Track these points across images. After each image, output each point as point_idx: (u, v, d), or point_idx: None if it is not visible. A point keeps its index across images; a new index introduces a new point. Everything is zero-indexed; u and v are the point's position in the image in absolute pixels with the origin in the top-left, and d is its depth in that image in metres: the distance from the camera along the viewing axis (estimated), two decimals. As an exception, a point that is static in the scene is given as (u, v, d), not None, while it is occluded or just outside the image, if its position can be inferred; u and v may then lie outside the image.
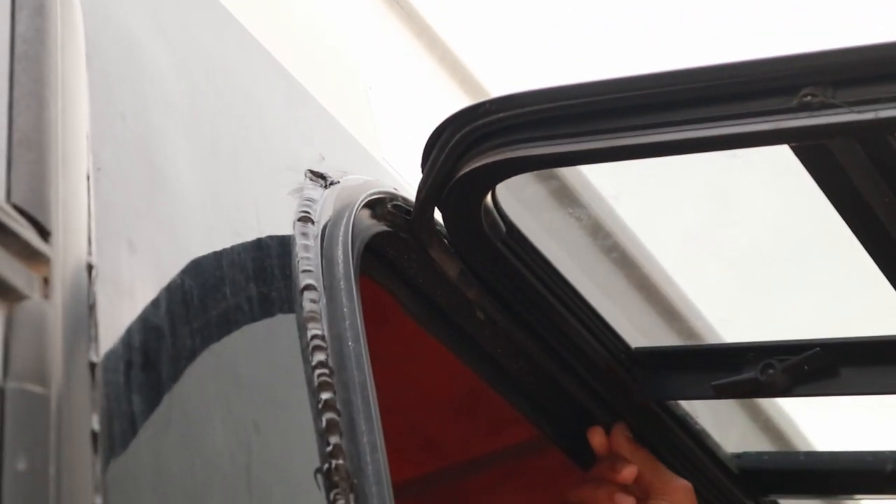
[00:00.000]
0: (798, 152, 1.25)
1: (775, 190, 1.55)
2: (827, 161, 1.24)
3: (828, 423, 2.00)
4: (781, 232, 1.69)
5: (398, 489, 2.19)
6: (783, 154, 1.26)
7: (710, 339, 1.79)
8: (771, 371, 1.55)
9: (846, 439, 1.88)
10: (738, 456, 1.84)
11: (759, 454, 1.84)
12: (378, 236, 1.50)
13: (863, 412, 1.88)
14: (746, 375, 1.57)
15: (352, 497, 1.17)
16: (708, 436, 1.79)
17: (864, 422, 1.89)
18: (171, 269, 1.16)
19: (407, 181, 1.68)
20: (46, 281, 0.98)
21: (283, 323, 1.29)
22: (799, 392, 1.55)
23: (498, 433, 2.07)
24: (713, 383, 1.59)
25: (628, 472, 1.65)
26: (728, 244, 1.71)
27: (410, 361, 1.95)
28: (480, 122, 1.39)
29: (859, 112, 1.13)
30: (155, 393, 1.05)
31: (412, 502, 2.24)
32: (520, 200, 1.57)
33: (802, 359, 1.54)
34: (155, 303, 1.11)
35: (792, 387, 1.55)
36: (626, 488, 1.66)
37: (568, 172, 1.62)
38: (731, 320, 1.77)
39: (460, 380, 1.90)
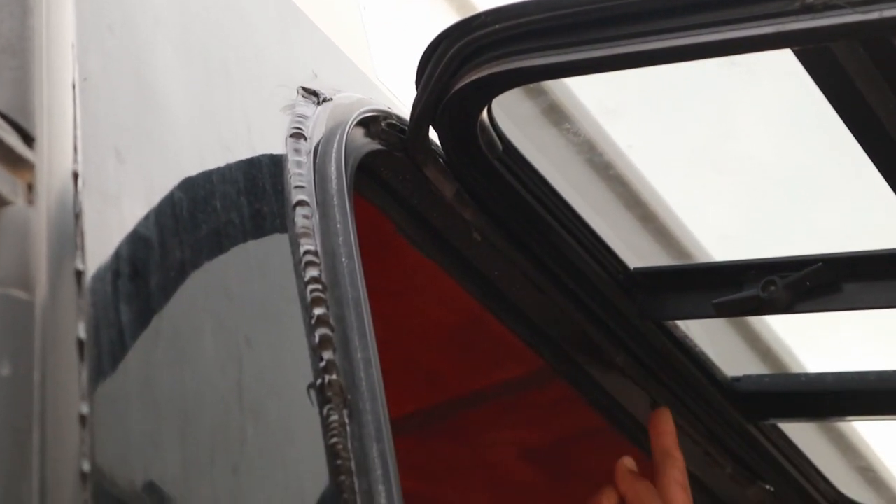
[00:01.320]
0: (801, 58, 1.23)
1: (778, 100, 1.53)
2: (831, 66, 1.22)
3: (826, 352, 1.98)
4: (784, 144, 1.67)
5: (399, 423, 2.20)
6: (786, 60, 1.23)
7: (710, 258, 1.77)
8: (773, 288, 1.54)
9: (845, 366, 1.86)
10: (738, 379, 1.82)
11: (760, 377, 1.83)
12: (372, 155, 1.48)
13: (863, 338, 1.87)
14: (748, 293, 1.55)
15: (345, 412, 1.15)
16: (707, 358, 1.78)
17: (865, 349, 1.88)
18: (159, 181, 1.14)
19: (401, 100, 1.66)
20: (31, 187, 0.96)
21: (276, 238, 1.28)
22: (801, 308, 1.53)
23: (498, 367, 2.06)
24: (714, 301, 1.57)
25: None
26: (728, 158, 1.69)
27: (410, 294, 1.94)
28: (476, 34, 1.37)
29: (864, 12, 1.10)
30: (143, 304, 1.03)
31: (413, 436, 2.24)
32: (514, 119, 1.55)
33: (804, 274, 1.52)
34: (143, 214, 1.10)
35: (794, 303, 1.53)
36: None
37: (562, 89, 1.60)
38: (732, 237, 1.76)
39: (461, 313, 1.89)
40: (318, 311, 1.22)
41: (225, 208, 1.21)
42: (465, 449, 2.23)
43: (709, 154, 1.71)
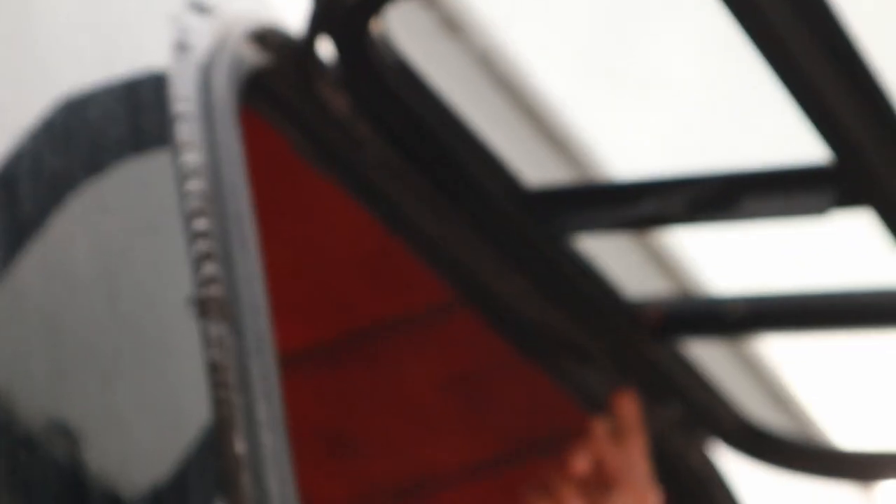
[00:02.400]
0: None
1: (679, 10, 1.53)
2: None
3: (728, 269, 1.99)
4: (683, 56, 1.67)
5: (312, 351, 2.20)
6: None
7: (604, 172, 1.77)
8: (670, 202, 1.54)
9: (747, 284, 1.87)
10: (644, 300, 1.83)
11: (665, 298, 1.84)
12: (262, 70, 1.46)
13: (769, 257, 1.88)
14: (645, 207, 1.56)
15: (224, 325, 1.14)
16: (607, 276, 1.78)
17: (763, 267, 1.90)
18: (34, 90, 1.12)
19: (294, 16, 1.64)
20: None
21: (158, 152, 1.26)
22: (698, 221, 1.55)
23: (407, 295, 2.05)
24: (612, 217, 1.57)
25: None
26: (626, 71, 1.69)
27: (316, 219, 1.93)
28: (364, -55, 1.35)
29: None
30: (12, 213, 1.01)
31: (323, 365, 2.23)
32: (408, 32, 1.54)
33: (701, 189, 1.53)
34: (17, 123, 1.08)
35: (692, 217, 1.55)
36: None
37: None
38: (626, 153, 1.76)
39: (368, 238, 1.88)
40: (198, 224, 1.20)
41: (103, 120, 1.19)
42: (379, 378, 2.22)
43: (603, 65, 1.71)
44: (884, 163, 1.38)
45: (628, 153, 1.80)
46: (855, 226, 1.50)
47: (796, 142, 1.46)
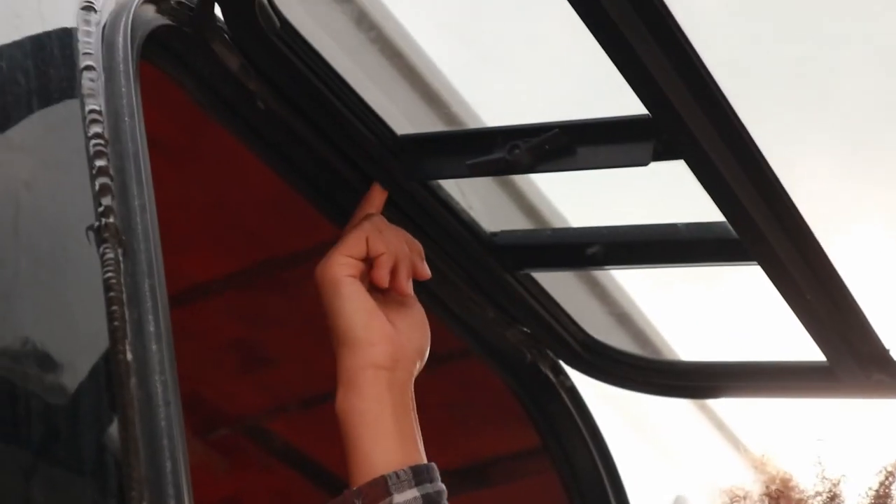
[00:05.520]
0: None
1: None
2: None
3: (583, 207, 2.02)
4: (526, 20, 1.69)
5: (228, 278, 2.20)
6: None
7: (468, 124, 1.78)
8: (517, 151, 1.56)
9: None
10: (496, 234, 1.85)
11: (515, 231, 1.86)
12: (162, 29, 1.47)
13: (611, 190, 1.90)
14: (496, 155, 1.57)
15: (119, 251, 1.16)
16: (469, 215, 1.80)
17: (613, 202, 1.92)
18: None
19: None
20: None
21: (63, 100, 1.26)
22: (541, 169, 1.57)
23: (313, 230, 2.07)
24: (467, 163, 1.59)
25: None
26: (479, 33, 1.71)
27: (227, 164, 1.94)
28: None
29: None
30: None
31: (241, 290, 2.25)
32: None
33: (543, 139, 1.55)
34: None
35: (535, 164, 1.56)
36: None
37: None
38: (486, 106, 1.77)
39: (273, 181, 1.89)
40: (99, 162, 1.22)
41: (11, 70, 1.19)
42: (289, 301, 2.24)
43: (464, 27, 1.72)
44: (692, 118, 1.40)
45: (489, 107, 1.82)
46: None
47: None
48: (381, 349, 1.50)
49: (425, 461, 1.49)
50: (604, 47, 1.30)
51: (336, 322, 1.54)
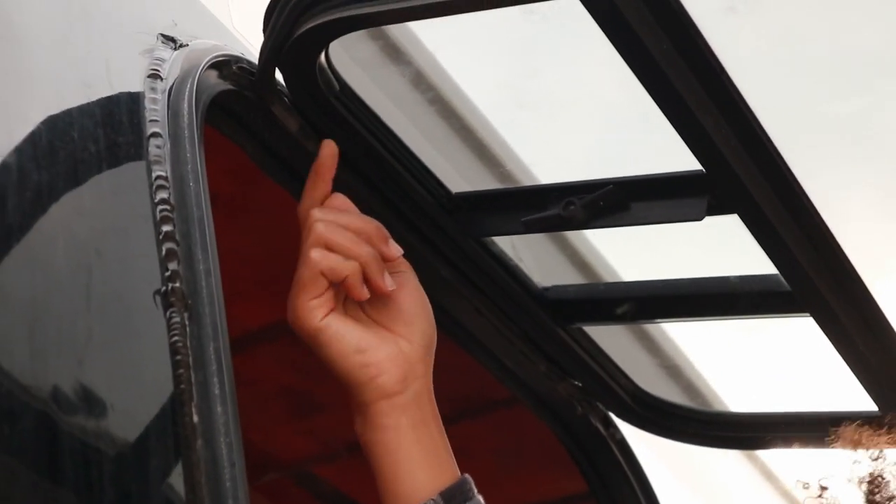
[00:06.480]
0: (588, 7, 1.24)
1: (574, 41, 1.55)
2: (610, 12, 1.23)
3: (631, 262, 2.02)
4: (577, 81, 1.70)
5: (276, 327, 2.21)
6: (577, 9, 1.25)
7: (522, 182, 1.79)
8: (572, 207, 1.57)
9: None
10: (547, 289, 1.86)
11: (567, 286, 1.86)
12: (225, 94, 1.49)
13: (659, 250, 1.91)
14: (550, 212, 1.58)
15: (186, 315, 1.17)
16: (521, 270, 1.81)
17: (659, 260, 1.92)
18: (18, 111, 1.14)
19: (255, 48, 1.66)
20: None
21: (131, 166, 1.28)
22: (595, 224, 1.57)
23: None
24: (522, 219, 1.60)
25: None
26: (532, 93, 1.72)
27: (280, 215, 1.95)
28: (312, -15, 1.37)
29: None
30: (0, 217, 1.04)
31: (288, 338, 2.25)
32: (352, 59, 1.56)
33: (598, 195, 1.55)
34: (4, 142, 1.09)
35: (590, 220, 1.57)
36: None
37: (394, 31, 1.61)
38: (539, 164, 1.78)
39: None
40: (165, 227, 1.23)
41: (82, 138, 1.21)
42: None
43: (515, 88, 1.74)
44: (746, 173, 1.41)
45: (542, 165, 1.82)
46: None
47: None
48: (387, 378, 1.41)
49: (455, 475, 1.41)
50: (660, 106, 1.30)
51: (332, 368, 1.44)
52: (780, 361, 2.55)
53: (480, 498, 1.41)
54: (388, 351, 1.42)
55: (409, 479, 1.40)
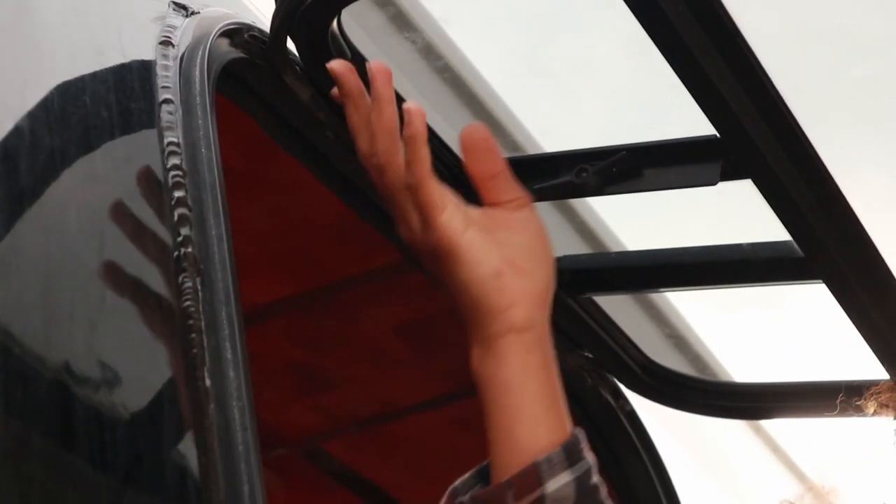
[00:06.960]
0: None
1: (586, 8, 1.54)
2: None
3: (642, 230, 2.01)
4: (590, 48, 1.69)
5: (286, 301, 2.21)
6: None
7: (532, 150, 1.77)
8: (584, 174, 1.55)
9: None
10: (557, 259, 1.84)
11: (577, 256, 1.85)
12: (236, 62, 1.48)
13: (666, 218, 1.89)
14: (563, 179, 1.56)
15: (198, 280, 1.16)
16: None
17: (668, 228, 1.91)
18: (31, 76, 1.13)
19: (266, 16, 1.65)
20: None
21: (142, 132, 1.27)
22: (609, 191, 1.55)
23: (370, 256, 2.08)
24: (535, 187, 1.58)
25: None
26: (544, 60, 1.71)
27: (291, 191, 1.95)
28: (323, -46, 1.36)
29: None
30: (12, 181, 1.03)
31: (299, 312, 2.25)
32: (363, 28, 1.55)
33: (611, 162, 1.53)
34: (16, 105, 1.08)
35: (603, 187, 1.55)
36: None
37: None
38: (550, 132, 1.77)
39: (332, 207, 1.90)
40: (177, 193, 1.22)
41: (95, 104, 1.20)
42: (345, 324, 2.25)
43: (529, 56, 1.72)
44: (761, 137, 1.39)
45: (552, 135, 1.81)
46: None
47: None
48: (519, 311, 1.32)
49: (570, 427, 1.32)
50: (675, 70, 1.29)
51: (464, 291, 1.32)
52: (785, 335, 2.55)
53: (592, 459, 1.32)
54: (522, 283, 1.34)
55: (529, 424, 1.29)
